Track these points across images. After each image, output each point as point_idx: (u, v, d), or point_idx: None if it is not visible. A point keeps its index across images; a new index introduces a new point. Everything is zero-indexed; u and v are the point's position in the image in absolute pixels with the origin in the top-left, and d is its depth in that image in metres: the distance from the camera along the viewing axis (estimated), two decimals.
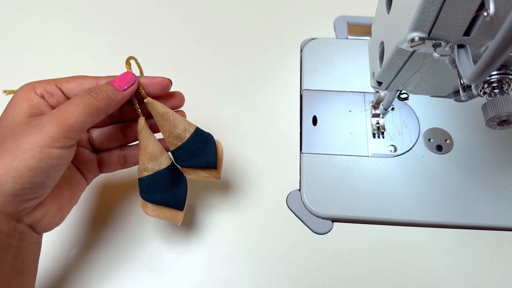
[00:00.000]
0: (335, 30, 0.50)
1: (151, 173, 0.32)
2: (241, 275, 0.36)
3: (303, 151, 0.41)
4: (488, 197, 0.38)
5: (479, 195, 0.38)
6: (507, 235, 0.37)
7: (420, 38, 0.23)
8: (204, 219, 0.38)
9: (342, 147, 0.41)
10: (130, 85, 0.30)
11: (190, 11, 0.52)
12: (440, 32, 0.23)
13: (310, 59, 0.47)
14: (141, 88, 0.31)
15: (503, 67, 0.24)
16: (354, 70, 0.46)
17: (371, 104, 0.42)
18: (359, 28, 0.50)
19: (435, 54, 0.24)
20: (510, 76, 0.24)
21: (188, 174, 0.34)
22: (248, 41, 0.50)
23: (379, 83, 0.32)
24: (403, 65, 0.28)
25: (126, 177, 0.40)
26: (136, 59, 0.33)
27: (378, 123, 0.42)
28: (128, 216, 0.38)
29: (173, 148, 0.32)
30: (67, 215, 0.31)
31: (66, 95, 0.30)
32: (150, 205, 0.32)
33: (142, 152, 0.32)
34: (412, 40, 0.24)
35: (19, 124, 0.27)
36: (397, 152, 0.41)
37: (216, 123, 0.43)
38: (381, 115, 0.42)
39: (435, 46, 0.24)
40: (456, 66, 0.24)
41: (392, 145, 0.41)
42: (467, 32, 0.23)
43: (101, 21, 0.51)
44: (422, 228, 0.38)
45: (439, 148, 0.41)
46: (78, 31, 0.50)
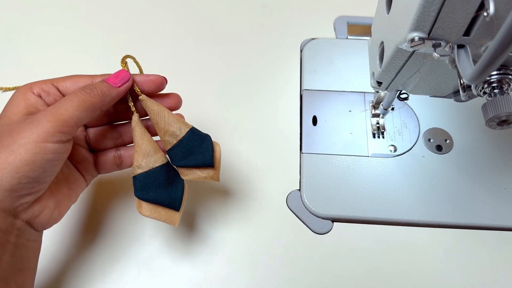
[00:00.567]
0: (335, 30, 0.50)
1: (145, 170, 0.31)
2: (241, 275, 0.36)
3: (303, 151, 0.41)
4: (488, 197, 0.38)
5: (479, 195, 0.38)
6: (507, 235, 0.37)
7: (420, 38, 0.23)
8: (204, 219, 0.38)
9: (342, 147, 0.41)
10: (124, 82, 0.30)
11: (190, 12, 0.52)
12: (440, 32, 0.23)
13: (310, 59, 0.47)
14: (135, 86, 0.31)
15: (503, 67, 0.24)
16: (354, 70, 0.46)
17: (371, 104, 0.42)
18: (359, 28, 0.50)
19: (435, 54, 0.24)
20: (510, 76, 0.24)
21: (184, 175, 0.33)
22: (248, 41, 0.50)
23: (379, 83, 0.32)
24: (403, 65, 0.28)
25: (126, 176, 0.40)
26: (135, 58, 0.33)
27: (378, 123, 0.42)
28: (128, 215, 0.38)
29: (168, 147, 0.32)
30: (65, 213, 0.31)
31: (62, 94, 0.31)
32: (144, 204, 0.31)
33: (136, 149, 0.31)
34: (412, 40, 0.24)
35: (15, 122, 0.27)
36: (397, 152, 0.41)
37: (216, 123, 0.43)
38: (381, 115, 0.42)
39: (435, 46, 0.24)
40: (456, 66, 0.24)
41: (392, 145, 0.41)
42: (467, 32, 0.23)
43: (101, 22, 0.51)
44: (422, 228, 0.38)
45: (439, 148, 0.41)
46: (77, 32, 0.51)
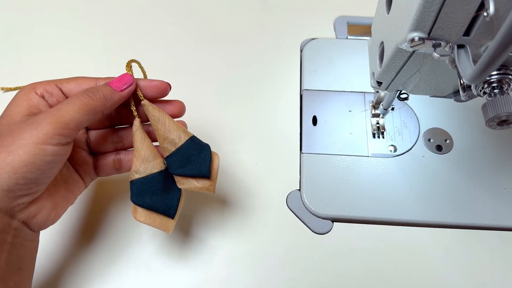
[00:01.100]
0: (335, 30, 0.50)
1: (142, 175, 0.31)
2: (240, 275, 0.36)
3: (303, 151, 0.41)
4: (488, 197, 0.38)
5: (479, 195, 0.38)
6: (507, 235, 0.37)
7: (420, 38, 0.23)
8: (203, 219, 0.38)
9: (342, 147, 0.41)
10: (127, 86, 0.30)
11: (190, 12, 0.52)
12: (440, 32, 0.23)
13: (310, 59, 0.47)
14: (138, 90, 0.31)
15: (503, 67, 0.24)
16: (354, 70, 0.46)
17: (371, 104, 0.42)
18: (359, 28, 0.50)
19: (435, 54, 0.24)
20: (510, 76, 0.24)
21: (180, 183, 0.32)
22: (248, 41, 0.50)
23: (379, 83, 0.32)
24: (403, 65, 0.28)
25: (125, 178, 0.40)
26: (139, 62, 0.32)
27: (378, 123, 0.42)
28: (127, 216, 0.38)
29: (167, 154, 0.31)
30: (62, 214, 0.31)
31: (65, 95, 0.30)
32: (140, 209, 0.31)
33: (135, 154, 0.31)
34: (412, 40, 0.24)
35: (16, 122, 0.27)
36: (397, 152, 0.41)
37: (216, 123, 0.43)
38: (381, 115, 0.42)
39: (435, 46, 0.24)
40: (456, 66, 0.24)
41: (392, 145, 0.41)
42: (467, 32, 0.23)
43: (101, 22, 0.51)
44: (422, 228, 0.38)
45: (439, 148, 0.41)
46: (78, 32, 0.51)
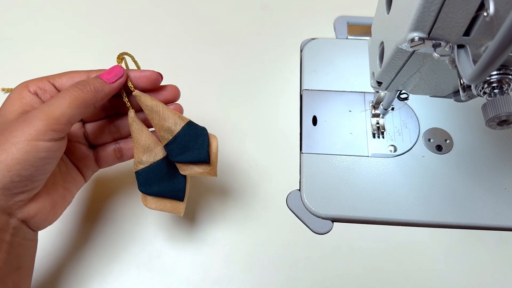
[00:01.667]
0: (335, 30, 0.50)
1: (146, 165, 0.31)
2: (240, 275, 0.36)
3: (303, 151, 0.41)
4: (488, 197, 0.38)
5: (479, 195, 0.38)
6: (507, 235, 0.37)
7: (420, 38, 0.23)
8: (203, 218, 0.38)
9: (342, 147, 0.41)
10: (118, 77, 0.30)
11: (190, 12, 0.52)
12: (440, 32, 0.23)
13: (310, 59, 0.47)
14: (129, 81, 0.31)
15: (503, 67, 0.24)
16: (354, 70, 0.46)
17: (371, 104, 0.42)
18: (359, 28, 0.50)
19: (435, 54, 0.24)
20: (510, 76, 0.24)
21: (182, 170, 0.33)
22: (248, 41, 0.50)
23: (379, 83, 0.32)
24: (403, 65, 0.28)
25: (124, 173, 0.40)
26: (132, 56, 0.33)
27: (378, 123, 0.42)
28: (128, 215, 0.38)
29: (165, 142, 0.32)
30: (61, 213, 0.31)
31: (59, 90, 0.31)
32: (149, 197, 0.32)
33: (135, 145, 0.32)
34: (412, 40, 0.24)
35: (10, 121, 0.27)
36: (397, 152, 0.41)
37: (216, 123, 0.43)
38: (381, 115, 0.42)
39: (435, 46, 0.24)
40: (456, 66, 0.24)
41: (392, 145, 0.41)
42: (467, 32, 0.23)
43: (101, 22, 0.51)
44: (422, 228, 0.38)
45: (439, 148, 0.41)
46: (79, 32, 0.50)
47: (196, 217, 0.38)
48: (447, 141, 0.41)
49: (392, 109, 0.39)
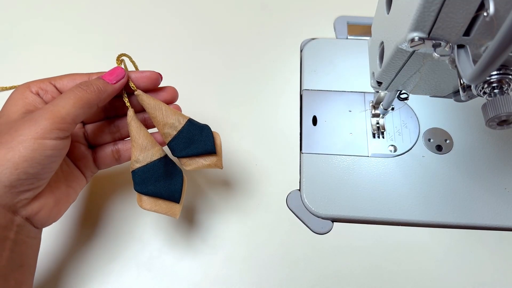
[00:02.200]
0: (335, 30, 0.50)
1: (143, 164, 0.31)
2: (240, 275, 0.36)
3: (303, 151, 0.41)
4: (488, 197, 0.38)
5: (479, 195, 0.38)
6: (507, 235, 0.37)
7: (420, 38, 0.23)
8: (204, 219, 0.38)
9: (342, 147, 0.41)
10: (119, 78, 0.31)
11: (190, 12, 0.52)
12: (440, 32, 0.23)
13: (310, 59, 0.47)
14: (130, 82, 0.31)
15: (503, 67, 0.24)
16: (354, 70, 0.46)
17: (371, 104, 0.42)
18: (359, 28, 0.50)
19: (435, 54, 0.24)
20: (510, 76, 0.24)
21: (187, 165, 0.33)
22: (248, 41, 0.50)
23: (379, 83, 0.32)
24: (403, 65, 0.28)
25: (124, 174, 0.40)
26: (130, 56, 0.33)
27: (378, 123, 0.42)
28: (128, 215, 0.38)
29: (169, 139, 0.32)
30: (65, 211, 0.31)
31: (60, 92, 0.31)
32: (145, 197, 0.32)
33: (133, 144, 0.32)
34: (412, 40, 0.24)
35: (14, 120, 0.28)
36: (397, 152, 0.41)
37: (216, 123, 0.43)
38: (381, 115, 0.42)
39: (435, 46, 0.24)
40: (456, 66, 0.24)
41: (392, 145, 0.41)
42: (467, 32, 0.23)
43: (101, 22, 0.51)
44: (422, 228, 0.38)
45: (439, 148, 0.41)
46: (78, 33, 0.51)
47: (196, 217, 0.38)
48: (447, 141, 0.41)
49: (392, 109, 0.39)
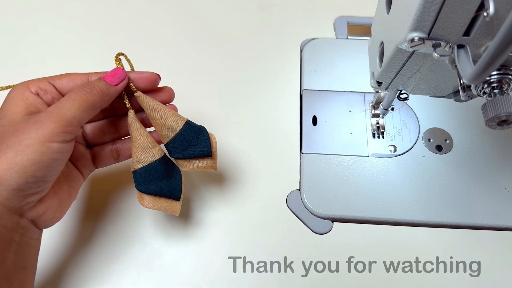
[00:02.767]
0: (335, 30, 0.50)
1: (145, 164, 0.32)
2: (240, 275, 0.36)
3: (303, 151, 0.41)
4: (488, 197, 0.38)
5: (479, 195, 0.38)
6: (507, 235, 0.37)
7: (420, 38, 0.23)
8: (204, 219, 0.38)
9: (342, 147, 0.41)
10: (121, 80, 0.31)
11: (190, 13, 0.52)
12: (440, 32, 0.23)
13: (310, 59, 0.47)
14: (131, 83, 0.32)
15: (502, 67, 0.24)
16: (354, 70, 0.46)
17: (371, 104, 0.42)
18: (359, 28, 0.50)
19: (435, 54, 0.24)
20: (510, 76, 0.24)
21: (183, 166, 0.34)
22: (248, 41, 0.50)
23: (379, 83, 0.32)
24: (403, 65, 0.28)
25: (123, 173, 0.40)
26: (126, 55, 0.33)
27: (378, 123, 0.42)
28: (128, 215, 0.38)
29: (166, 140, 0.33)
30: (67, 210, 0.31)
31: (59, 91, 0.31)
32: (146, 196, 0.32)
33: (134, 144, 0.32)
34: (412, 40, 0.24)
35: (18, 122, 0.27)
36: (397, 152, 0.41)
37: (216, 123, 0.43)
38: (381, 115, 0.42)
39: (435, 46, 0.24)
40: (456, 66, 0.24)
41: (392, 145, 0.41)
42: (467, 32, 0.23)
43: (99, 21, 0.51)
44: (422, 228, 0.38)
45: (439, 148, 0.41)
46: (77, 32, 0.50)
47: (196, 217, 0.38)
48: (447, 141, 0.41)
49: (392, 109, 0.39)
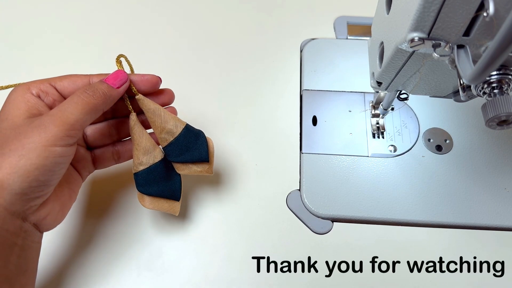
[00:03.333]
0: (335, 30, 0.50)
1: (146, 166, 0.32)
2: (240, 275, 0.36)
3: (303, 151, 0.41)
4: (487, 197, 0.38)
5: (479, 195, 0.38)
6: (507, 235, 0.37)
7: (420, 39, 0.23)
8: (204, 219, 0.38)
9: (342, 147, 0.41)
10: (123, 82, 0.31)
11: (190, 13, 0.52)
12: (440, 32, 0.23)
13: (310, 59, 0.47)
14: (132, 86, 0.32)
15: (502, 67, 0.24)
16: (354, 70, 0.46)
17: (371, 104, 0.42)
18: (359, 28, 0.50)
19: (435, 55, 0.24)
20: (510, 76, 0.24)
21: (180, 169, 0.34)
22: (248, 41, 0.50)
23: (379, 83, 0.32)
24: (403, 65, 0.28)
25: (123, 175, 0.40)
26: (126, 57, 0.33)
27: (378, 123, 0.42)
28: (128, 215, 0.38)
29: (165, 144, 0.33)
30: (67, 212, 0.31)
31: (60, 93, 0.31)
32: (147, 197, 0.33)
33: (136, 147, 0.32)
34: (412, 40, 0.24)
35: (20, 126, 0.27)
36: (397, 152, 0.41)
37: (216, 123, 0.43)
38: (381, 115, 0.42)
39: (435, 47, 0.24)
40: (455, 66, 0.24)
41: (392, 145, 0.41)
42: (467, 32, 0.23)
43: (100, 22, 0.51)
44: (421, 228, 0.38)
45: (439, 148, 0.41)
46: (77, 32, 0.50)
47: (196, 217, 0.38)
48: (447, 141, 0.41)
49: (392, 109, 0.39)
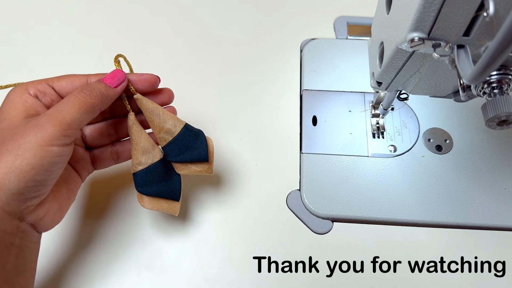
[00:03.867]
0: (335, 30, 0.50)
1: (145, 166, 0.32)
2: (240, 275, 0.36)
3: (303, 151, 0.41)
4: (487, 197, 0.38)
5: (479, 195, 0.38)
6: (507, 235, 0.37)
7: (420, 39, 0.23)
8: (204, 219, 0.38)
9: (342, 147, 0.41)
10: (120, 82, 0.31)
11: (190, 13, 0.52)
12: (440, 32, 0.23)
13: (310, 59, 0.47)
14: (130, 85, 0.32)
15: (502, 67, 0.24)
16: (354, 70, 0.46)
17: (371, 104, 0.42)
18: (359, 28, 0.50)
19: (435, 55, 0.24)
20: (510, 76, 0.24)
21: (179, 169, 0.34)
22: (248, 41, 0.50)
23: (379, 83, 0.32)
24: (403, 65, 0.28)
25: (123, 175, 0.40)
26: (125, 56, 0.33)
27: (378, 123, 0.42)
28: (127, 215, 0.38)
29: (164, 143, 0.33)
30: (66, 213, 0.31)
31: (58, 94, 0.31)
32: (146, 198, 0.33)
33: (134, 147, 0.32)
34: (412, 40, 0.24)
35: (17, 126, 0.27)
36: (397, 152, 0.41)
37: (216, 123, 0.43)
38: (381, 115, 0.42)
39: (435, 47, 0.24)
40: (455, 66, 0.24)
41: (392, 145, 0.41)
42: (467, 32, 0.23)
43: (99, 22, 0.51)
44: (421, 228, 0.38)
45: (439, 148, 0.41)
46: (76, 33, 0.50)
47: (196, 217, 0.38)
48: (447, 141, 0.41)
49: (392, 109, 0.39)
